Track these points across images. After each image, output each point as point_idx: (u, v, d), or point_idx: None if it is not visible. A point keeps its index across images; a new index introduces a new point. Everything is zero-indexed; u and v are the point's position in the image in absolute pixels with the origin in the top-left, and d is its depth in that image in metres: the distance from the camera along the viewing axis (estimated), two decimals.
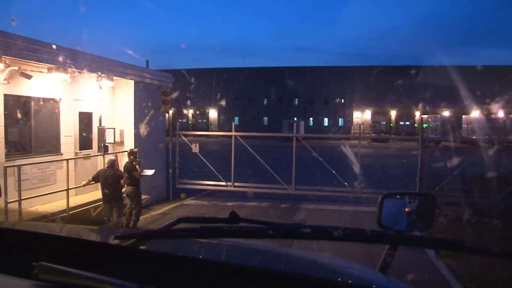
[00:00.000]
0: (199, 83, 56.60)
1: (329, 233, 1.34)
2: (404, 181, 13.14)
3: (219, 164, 15.36)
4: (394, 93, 54.22)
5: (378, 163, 15.74)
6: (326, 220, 11.73)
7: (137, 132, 12.87)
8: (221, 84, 59.82)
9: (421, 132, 13.56)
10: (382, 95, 56.20)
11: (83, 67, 10.72)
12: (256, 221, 1.57)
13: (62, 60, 9.98)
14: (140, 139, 12.82)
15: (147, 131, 13.04)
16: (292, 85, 59.63)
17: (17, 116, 9.93)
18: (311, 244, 5.09)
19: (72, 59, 10.21)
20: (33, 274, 1.17)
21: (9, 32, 8.83)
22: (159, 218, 11.99)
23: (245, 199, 14.21)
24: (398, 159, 17.46)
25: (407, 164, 15.34)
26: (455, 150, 13.92)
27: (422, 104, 50.77)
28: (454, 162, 13.12)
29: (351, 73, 59.31)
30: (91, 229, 2.33)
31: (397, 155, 21.39)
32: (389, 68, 55.67)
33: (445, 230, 9.81)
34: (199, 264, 1.37)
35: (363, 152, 14.44)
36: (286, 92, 62.05)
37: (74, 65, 10.37)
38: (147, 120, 13.17)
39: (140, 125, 12.93)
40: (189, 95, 56.16)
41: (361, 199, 13.26)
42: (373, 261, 2.01)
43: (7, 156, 9.39)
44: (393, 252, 1.86)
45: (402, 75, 51.40)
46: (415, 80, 49.22)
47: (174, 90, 15.61)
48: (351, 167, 13.99)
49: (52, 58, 9.86)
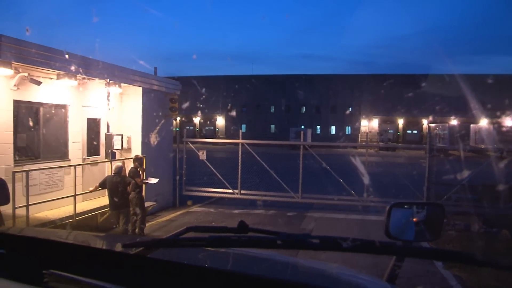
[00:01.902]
0: (207, 91, 56.79)
1: (338, 244, 1.33)
2: (411, 190, 13.07)
3: (226, 171, 15.36)
4: (401, 101, 54.03)
5: (385, 172, 15.69)
6: (333, 229, 11.67)
7: (145, 138, 12.92)
8: (229, 91, 59.96)
9: (429, 141, 13.50)
10: (390, 103, 56.02)
11: (94, 74, 10.80)
12: (264, 231, 1.57)
13: (74, 68, 10.09)
14: (148, 145, 12.86)
15: (154, 138, 13.09)
16: (299, 93, 59.63)
17: (26, 122, 10.00)
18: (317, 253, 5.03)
19: (84, 66, 10.28)
20: (44, 282, 1.17)
21: (23, 40, 8.99)
22: (165, 225, 11.99)
23: (251, 207, 14.18)
24: (405, 167, 17.40)
25: (415, 173, 15.27)
26: (463, 159, 13.84)
27: (429, 113, 50.59)
28: (462, 172, 13.04)
29: (358, 81, 59.21)
30: (99, 236, 2.33)
31: (404, 164, 21.32)
32: (397, 77, 55.53)
33: (453, 240, 9.73)
34: (208, 273, 1.37)
35: (370, 161, 14.40)
36: (293, 100, 62.04)
37: (85, 72, 10.44)
38: (155, 127, 13.22)
39: (148, 132, 12.99)
40: (197, 102, 56.31)
41: (368, 208, 13.20)
42: (379, 271, 1.99)
43: (15, 161, 9.45)
44: (401, 263, 1.85)
45: (410, 83, 51.25)
46: (423, 88, 49.04)
47: (181, 97, 15.67)
48: (358, 176, 13.95)
49: (64, 66, 9.95)
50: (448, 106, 46.86)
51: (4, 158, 9.16)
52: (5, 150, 9.20)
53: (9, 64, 8.71)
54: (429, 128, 19.34)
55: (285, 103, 62.98)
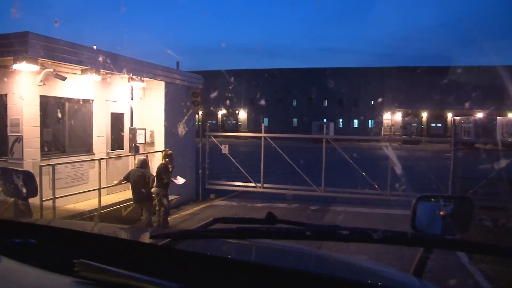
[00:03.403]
0: (229, 84, 56.92)
1: (369, 235, 1.31)
2: (435, 184, 12.88)
3: (248, 165, 15.38)
4: (425, 94, 53.26)
5: (409, 165, 15.46)
6: (356, 223, 11.57)
7: (168, 132, 13.01)
8: (251, 85, 59.90)
9: (454, 134, 13.28)
10: (413, 96, 55.21)
11: (118, 69, 10.92)
12: (293, 222, 1.55)
13: (98, 63, 10.28)
14: (171, 139, 12.94)
15: (177, 131, 13.18)
16: (321, 86, 59.31)
17: (52, 117, 10.18)
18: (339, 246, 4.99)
19: (108, 61, 10.43)
20: (74, 271, 1.18)
21: (50, 36, 9.22)
22: (188, 218, 12.08)
23: (274, 201, 14.17)
24: (429, 161, 17.15)
25: (439, 166, 15.04)
26: (489, 152, 13.57)
27: (454, 106, 49.72)
28: (488, 165, 12.79)
29: (381, 74, 58.50)
30: (125, 228, 2.35)
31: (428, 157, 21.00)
32: (421, 69, 54.69)
33: (479, 234, 9.56)
34: (235, 264, 1.36)
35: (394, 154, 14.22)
36: (316, 93, 61.67)
37: (109, 67, 10.60)
38: (178, 120, 13.30)
39: (171, 126, 13.07)
40: (219, 96, 56.45)
41: (391, 202, 13.07)
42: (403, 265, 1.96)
43: (42, 155, 9.64)
44: (428, 256, 1.81)
45: (433, 75, 50.55)
46: (447, 80, 48.16)
47: (204, 91, 15.71)
48: (381, 169, 13.81)
49: (89, 61, 10.14)
50: (474, 98, 45.89)
51: (32, 152, 9.36)
52: (32, 145, 9.39)
53: (35, 60, 8.87)
54: (453, 121, 18.99)
55: (308, 96, 62.69)
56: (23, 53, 8.64)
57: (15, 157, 9.26)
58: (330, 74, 60.52)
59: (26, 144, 9.27)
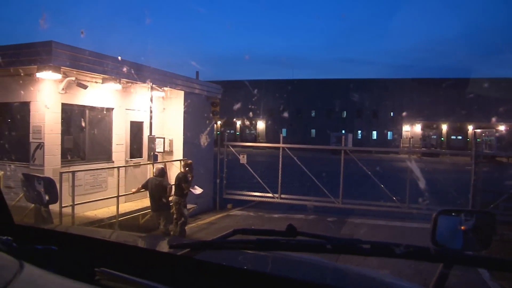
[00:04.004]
0: (248, 95, 57.03)
1: (391, 250, 1.29)
2: (455, 197, 12.68)
3: (266, 175, 15.35)
4: (445, 106, 52.66)
5: (429, 178, 15.27)
6: (374, 236, 11.44)
7: (186, 141, 13.09)
8: (270, 95, 59.90)
9: (475, 147, 13.09)
10: (433, 108, 54.59)
11: (138, 78, 11.08)
12: (314, 235, 1.54)
13: (119, 72, 10.46)
14: (189, 149, 13.02)
15: (196, 141, 13.25)
16: (340, 97, 59.11)
17: (72, 124, 10.34)
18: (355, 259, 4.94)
19: (129, 71, 10.63)
20: (95, 280, 1.18)
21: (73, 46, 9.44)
22: (205, 228, 12.08)
23: (291, 211, 14.11)
24: (449, 174, 16.91)
25: (459, 179, 14.82)
26: None
27: (475, 118, 49.06)
28: (510, 179, 12.56)
29: (401, 85, 57.98)
30: (145, 237, 2.36)
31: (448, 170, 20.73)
32: (441, 81, 54.15)
33: (501, 250, 9.36)
34: (254, 276, 1.36)
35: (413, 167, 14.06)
36: (334, 104, 61.46)
37: (130, 77, 10.76)
38: (196, 130, 13.38)
39: (189, 135, 13.15)
40: (238, 106, 56.63)
41: (410, 215, 12.91)
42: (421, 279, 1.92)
43: (62, 162, 9.77)
44: (448, 271, 1.78)
45: (454, 87, 49.94)
46: (468, 92, 47.55)
47: (223, 101, 15.79)
48: (400, 182, 13.65)
49: (110, 70, 10.35)
50: (495, 110, 45.23)
51: (53, 159, 9.51)
52: (54, 151, 9.54)
53: (58, 68, 9.04)
54: (474, 133, 18.76)
55: (326, 107, 62.48)
56: (47, 62, 8.83)
57: (37, 163, 9.41)
58: (350, 85, 60.27)
59: (48, 151, 9.41)
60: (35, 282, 1.18)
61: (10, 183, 9.07)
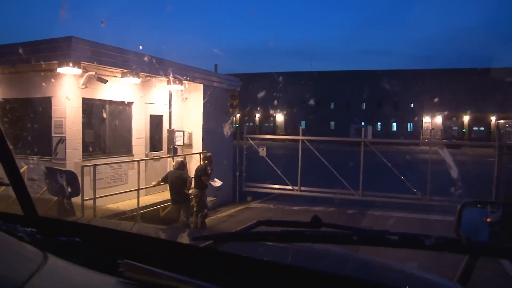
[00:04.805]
0: (267, 87, 56.91)
1: (420, 241, 1.27)
2: (478, 189, 12.49)
3: (285, 168, 15.32)
4: (467, 96, 51.85)
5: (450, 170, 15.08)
6: (395, 228, 11.35)
7: (206, 135, 13.13)
8: (288, 88, 59.69)
9: (498, 138, 12.87)
10: (454, 99, 53.73)
11: (157, 72, 11.13)
12: (339, 226, 1.52)
13: (139, 66, 10.56)
14: (208, 142, 13.06)
15: (215, 134, 13.28)
16: (359, 89, 58.60)
17: (93, 119, 10.46)
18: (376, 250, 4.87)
19: (148, 64, 10.72)
20: (119, 271, 1.19)
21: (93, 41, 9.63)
22: (225, 220, 12.13)
23: (311, 204, 14.06)
24: (471, 166, 16.66)
25: (482, 171, 14.59)
26: None
27: (498, 109, 48.16)
28: None
29: (421, 76, 57.19)
30: (166, 229, 2.37)
31: (470, 162, 20.43)
32: (461, 71, 53.36)
33: None
34: (278, 268, 1.35)
35: (434, 159, 13.89)
36: (353, 96, 61.05)
37: (149, 70, 10.85)
38: (215, 123, 13.40)
39: (208, 128, 13.18)
40: (257, 99, 56.56)
41: (431, 207, 12.76)
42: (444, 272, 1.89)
43: (84, 156, 9.90)
44: (474, 263, 1.74)
45: (475, 77, 49.08)
46: (490, 82, 46.64)
47: (242, 94, 15.79)
48: (420, 174, 13.48)
49: (130, 64, 10.44)
50: None
51: (74, 153, 9.64)
52: (75, 146, 9.66)
53: (78, 63, 9.14)
54: (497, 124, 18.42)
55: (346, 99, 62.07)
56: (68, 57, 8.93)
57: (59, 157, 9.56)
58: (369, 77, 59.74)
59: (69, 145, 9.54)
60: (60, 273, 1.19)
61: (34, 176, 9.22)
